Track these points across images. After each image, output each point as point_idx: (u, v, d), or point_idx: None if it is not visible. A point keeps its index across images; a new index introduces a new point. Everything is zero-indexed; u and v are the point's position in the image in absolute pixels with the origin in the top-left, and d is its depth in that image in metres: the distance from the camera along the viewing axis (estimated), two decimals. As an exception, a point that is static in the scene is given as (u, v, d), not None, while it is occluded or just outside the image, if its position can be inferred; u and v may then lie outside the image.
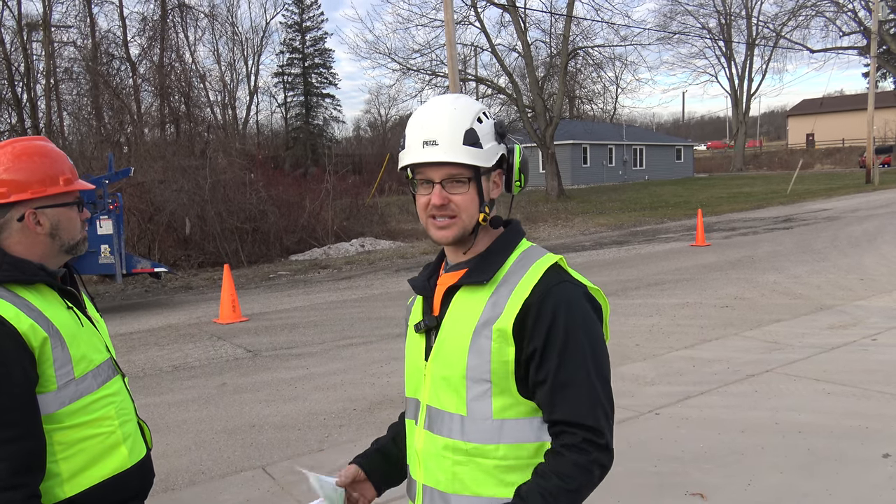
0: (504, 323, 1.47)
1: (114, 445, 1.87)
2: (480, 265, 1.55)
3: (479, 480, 1.50)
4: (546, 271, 1.51)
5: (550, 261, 1.53)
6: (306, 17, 55.48)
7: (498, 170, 1.58)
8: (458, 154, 1.49)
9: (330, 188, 19.47)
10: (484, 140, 1.52)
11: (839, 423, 4.74)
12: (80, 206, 1.92)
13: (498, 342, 1.47)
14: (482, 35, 29.91)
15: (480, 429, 1.49)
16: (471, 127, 1.51)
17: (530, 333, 1.46)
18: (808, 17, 46.15)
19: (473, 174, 1.51)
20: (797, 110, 71.96)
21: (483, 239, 1.59)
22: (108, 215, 10.40)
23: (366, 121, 70.12)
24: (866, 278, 9.95)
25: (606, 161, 44.71)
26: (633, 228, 19.72)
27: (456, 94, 1.60)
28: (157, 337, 8.92)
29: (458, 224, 1.53)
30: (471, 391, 1.50)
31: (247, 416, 5.68)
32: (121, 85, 28.77)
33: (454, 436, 1.52)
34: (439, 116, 1.51)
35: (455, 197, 1.51)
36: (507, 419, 1.49)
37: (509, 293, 1.49)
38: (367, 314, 9.57)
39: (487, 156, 1.52)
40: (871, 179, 31.31)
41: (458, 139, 1.49)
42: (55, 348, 1.74)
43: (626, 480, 4.07)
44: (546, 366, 1.46)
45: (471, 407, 1.50)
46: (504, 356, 1.48)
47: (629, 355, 6.75)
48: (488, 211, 1.54)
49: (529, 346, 1.47)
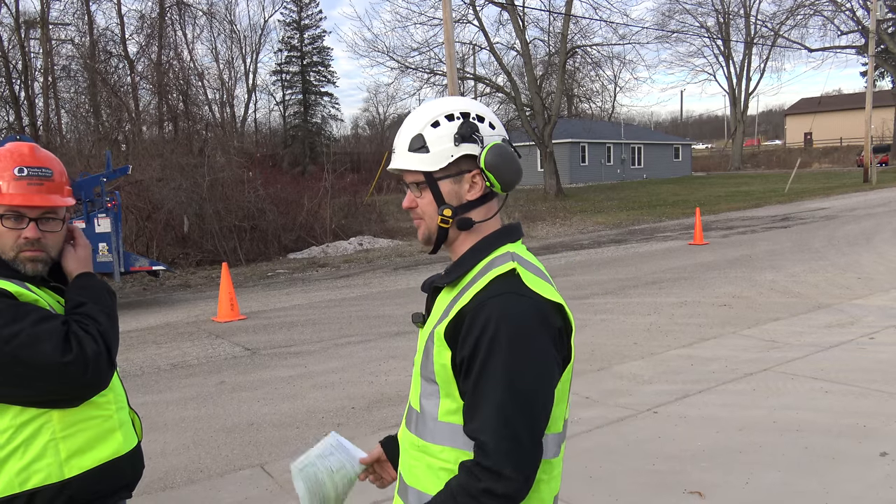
0: (441, 327, 1.50)
1: (110, 430, 1.90)
2: (453, 268, 1.58)
3: (427, 477, 1.54)
4: (492, 281, 1.46)
5: (502, 270, 1.48)
6: (305, 15, 55.40)
7: (474, 170, 1.55)
8: (403, 161, 1.56)
9: (328, 186, 19.47)
10: (434, 143, 1.52)
11: (837, 422, 4.75)
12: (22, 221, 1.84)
13: (438, 346, 1.50)
14: (481, 33, 30.04)
15: (430, 428, 1.53)
16: (419, 133, 1.54)
17: (461, 342, 1.45)
18: (806, 16, 46.23)
19: (426, 178, 1.55)
20: (795, 109, 72.04)
21: (466, 240, 1.59)
22: (106, 213, 10.39)
23: (364, 119, 70.20)
24: (864, 277, 9.96)
25: (605, 160, 44.72)
26: (632, 227, 19.74)
27: (440, 99, 1.62)
28: (156, 335, 8.91)
29: (422, 225, 1.60)
30: (424, 389, 1.56)
31: (245, 415, 5.68)
32: (119, 83, 28.75)
33: (412, 430, 1.59)
34: (403, 126, 1.59)
35: (419, 200, 1.58)
36: (453, 423, 1.50)
37: (459, 300, 1.50)
38: (366, 312, 9.57)
39: (434, 159, 1.53)
40: (868, 178, 31.35)
41: (405, 146, 1.56)
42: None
43: (624, 479, 4.08)
44: (469, 378, 1.44)
45: (422, 404, 1.55)
46: (442, 359, 1.49)
47: (627, 354, 6.76)
48: (448, 213, 1.55)
49: (459, 355, 1.46)
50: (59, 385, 1.72)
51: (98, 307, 1.87)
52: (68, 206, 1.92)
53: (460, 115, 1.55)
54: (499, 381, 1.40)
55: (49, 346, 1.70)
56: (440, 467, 1.51)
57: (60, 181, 1.91)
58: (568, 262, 13.22)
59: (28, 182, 1.83)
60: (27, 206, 1.83)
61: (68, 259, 1.96)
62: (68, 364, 1.71)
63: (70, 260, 1.96)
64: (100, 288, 1.94)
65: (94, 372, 1.76)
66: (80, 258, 1.98)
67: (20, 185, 1.82)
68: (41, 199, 1.84)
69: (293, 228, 17.92)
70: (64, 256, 1.96)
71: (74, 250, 1.98)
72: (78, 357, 1.72)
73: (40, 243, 1.85)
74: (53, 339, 1.71)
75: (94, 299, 1.88)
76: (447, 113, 1.55)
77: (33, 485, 1.76)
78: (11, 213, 1.82)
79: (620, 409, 5.23)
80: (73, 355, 1.72)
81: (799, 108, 71.20)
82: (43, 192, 1.85)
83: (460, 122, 1.54)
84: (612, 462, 4.32)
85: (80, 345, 1.74)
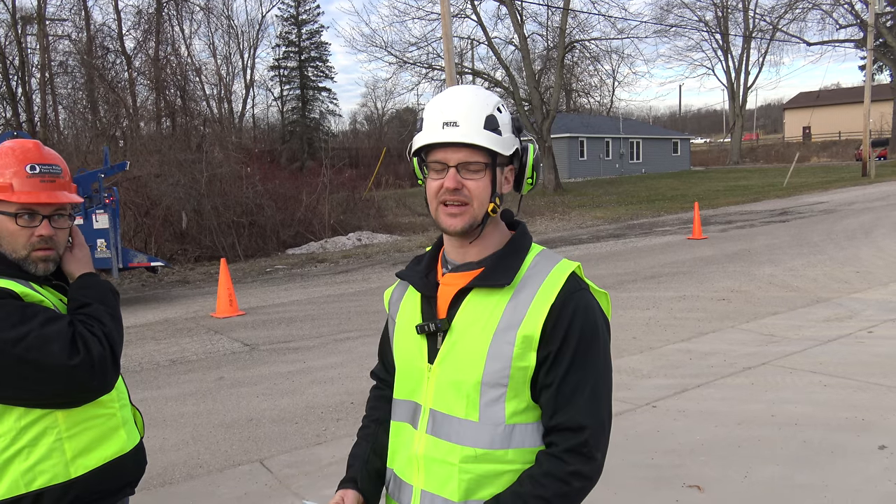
0: (530, 329, 1.45)
1: (114, 428, 1.89)
2: (497, 267, 1.52)
3: (485, 485, 1.48)
4: (569, 277, 1.51)
5: (571, 267, 1.54)
6: (302, 10, 55.31)
7: (510, 165, 1.56)
8: (479, 137, 1.46)
9: (326, 182, 19.45)
10: (504, 128, 1.51)
11: (835, 416, 4.75)
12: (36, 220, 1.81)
13: (521, 348, 1.45)
14: (479, 28, 30.05)
15: (491, 434, 1.47)
16: (492, 113, 1.49)
17: (549, 337, 1.45)
18: (804, 10, 46.22)
19: (490, 161, 1.49)
20: (794, 103, 71.99)
21: (491, 235, 1.55)
22: (105, 210, 10.37)
23: (362, 114, 70.08)
24: (862, 271, 9.97)
25: (603, 154, 44.69)
26: (630, 222, 19.73)
27: (476, 86, 1.58)
28: (154, 331, 8.91)
29: (468, 212, 1.48)
30: (485, 396, 1.46)
31: (244, 410, 5.68)
32: (116, 78, 28.69)
33: (464, 441, 1.48)
34: (461, 101, 1.49)
35: (469, 182, 1.47)
36: (518, 424, 1.48)
37: (531, 297, 1.47)
38: (364, 308, 9.57)
39: (505, 144, 1.51)
40: (867, 172, 31.35)
41: (479, 122, 1.47)
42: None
43: (623, 473, 4.08)
44: (556, 370, 1.45)
45: (483, 412, 1.47)
46: (525, 362, 1.45)
47: (626, 348, 6.76)
48: (499, 202, 1.53)
49: (545, 349, 1.45)
50: (65, 387, 1.71)
51: (103, 307, 1.85)
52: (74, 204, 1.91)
53: (503, 106, 1.54)
54: (592, 371, 1.46)
55: (57, 348, 1.68)
56: (506, 470, 1.47)
57: (68, 178, 1.90)
58: (567, 257, 13.17)
59: (41, 179, 1.82)
60: (42, 204, 1.81)
61: (68, 260, 1.94)
62: (76, 367, 1.69)
63: (70, 261, 1.94)
64: (104, 288, 1.92)
65: (101, 375, 1.74)
66: (80, 258, 1.96)
67: (33, 183, 1.80)
68: (55, 196, 1.83)
69: (292, 224, 17.91)
70: (64, 257, 1.93)
71: (72, 251, 1.96)
72: (85, 360, 1.71)
73: (52, 241, 1.84)
74: (61, 341, 1.69)
75: (99, 299, 1.87)
76: (501, 102, 1.54)
77: (39, 485, 1.75)
78: (25, 211, 1.80)
79: (619, 404, 5.23)
80: (80, 358, 1.70)
81: (797, 102, 71.15)
82: (55, 188, 1.84)
83: (510, 114, 1.54)
84: (611, 456, 4.30)
85: (86, 347, 1.72)
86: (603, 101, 39.24)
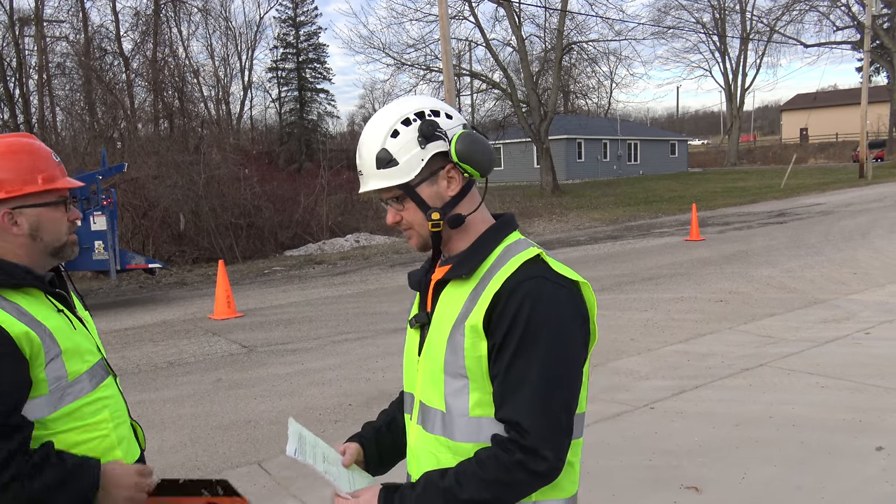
0: (475, 318, 1.45)
1: (109, 448, 1.83)
2: (464, 259, 1.54)
3: None
4: (521, 265, 1.46)
5: (529, 255, 1.48)
6: (300, 11, 55.22)
7: (447, 165, 1.53)
8: (375, 181, 1.53)
9: (324, 183, 19.46)
10: (400, 153, 1.49)
11: (832, 417, 4.76)
12: (66, 207, 1.82)
13: (471, 338, 1.46)
14: (477, 30, 30.04)
15: (460, 426, 1.49)
16: (382, 148, 1.50)
17: (494, 327, 1.44)
18: (801, 12, 46.36)
19: (404, 190, 1.52)
20: (791, 105, 72.12)
21: (465, 235, 1.57)
22: (102, 211, 10.36)
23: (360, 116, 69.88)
24: (859, 272, 9.99)
25: (601, 156, 44.76)
26: (628, 223, 19.75)
27: (388, 105, 1.58)
28: (152, 333, 8.90)
29: (415, 235, 1.57)
30: (448, 386, 1.50)
31: (242, 412, 5.68)
32: (114, 80, 28.61)
33: (437, 432, 1.52)
34: (362, 143, 1.55)
35: (402, 213, 1.55)
36: (485, 417, 1.47)
37: (485, 287, 1.47)
38: (363, 309, 9.57)
39: (404, 171, 1.50)
40: (864, 174, 31.42)
41: (372, 166, 1.52)
42: (48, 352, 1.68)
43: (620, 474, 4.09)
44: (500, 362, 1.43)
45: (448, 402, 1.50)
46: (478, 351, 1.46)
47: (624, 350, 6.77)
48: (436, 217, 1.53)
49: (491, 340, 1.45)
50: None
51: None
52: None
53: (415, 116, 1.51)
54: (535, 362, 1.41)
55: None
56: None
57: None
58: (565, 259, 13.19)
59: (64, 167, 1.85)
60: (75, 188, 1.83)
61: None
62: None
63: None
64: None
65: None
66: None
67: (63, 170, 1.83)
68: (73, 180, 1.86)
69: (289, 225, 17.91)
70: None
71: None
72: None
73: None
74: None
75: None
76: (402, 118, 1.51)
77: None
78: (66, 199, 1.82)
79: (617, 405, 5.24)
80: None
81: (794, 104, 71.27)
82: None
83: (418, 123, 1.51)
84: (609, 457, 4.33)
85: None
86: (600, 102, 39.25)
